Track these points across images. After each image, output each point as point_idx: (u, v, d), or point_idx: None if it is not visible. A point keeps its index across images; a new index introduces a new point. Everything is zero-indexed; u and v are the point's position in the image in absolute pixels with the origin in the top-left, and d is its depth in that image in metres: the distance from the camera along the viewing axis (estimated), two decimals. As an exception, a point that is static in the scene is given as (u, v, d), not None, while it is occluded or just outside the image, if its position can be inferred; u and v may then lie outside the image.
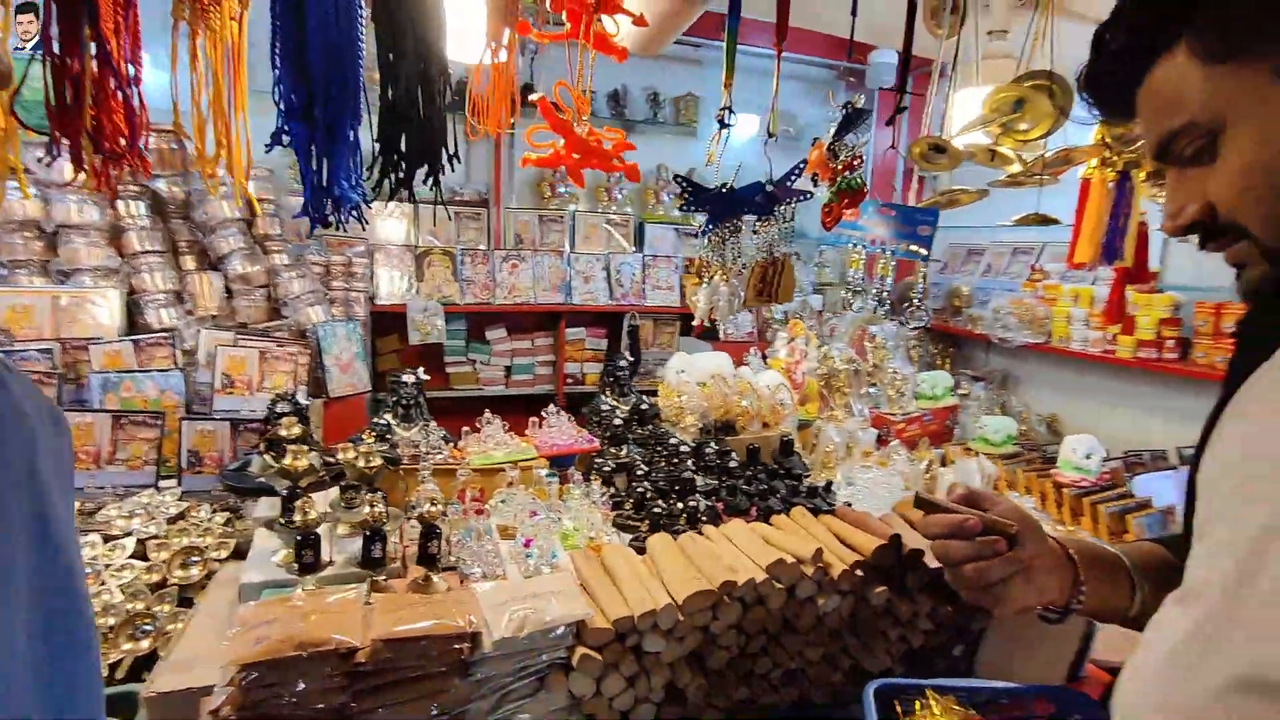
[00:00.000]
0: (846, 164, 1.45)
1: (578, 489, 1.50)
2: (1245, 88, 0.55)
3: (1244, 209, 0.58)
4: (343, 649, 0.94)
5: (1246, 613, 0.58)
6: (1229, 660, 0.58)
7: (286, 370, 2.08)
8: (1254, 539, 0.60)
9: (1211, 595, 0.62)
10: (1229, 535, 0.62)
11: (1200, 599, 0.64)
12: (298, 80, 0.94)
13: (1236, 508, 0.63)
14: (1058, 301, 3.15)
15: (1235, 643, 0.58)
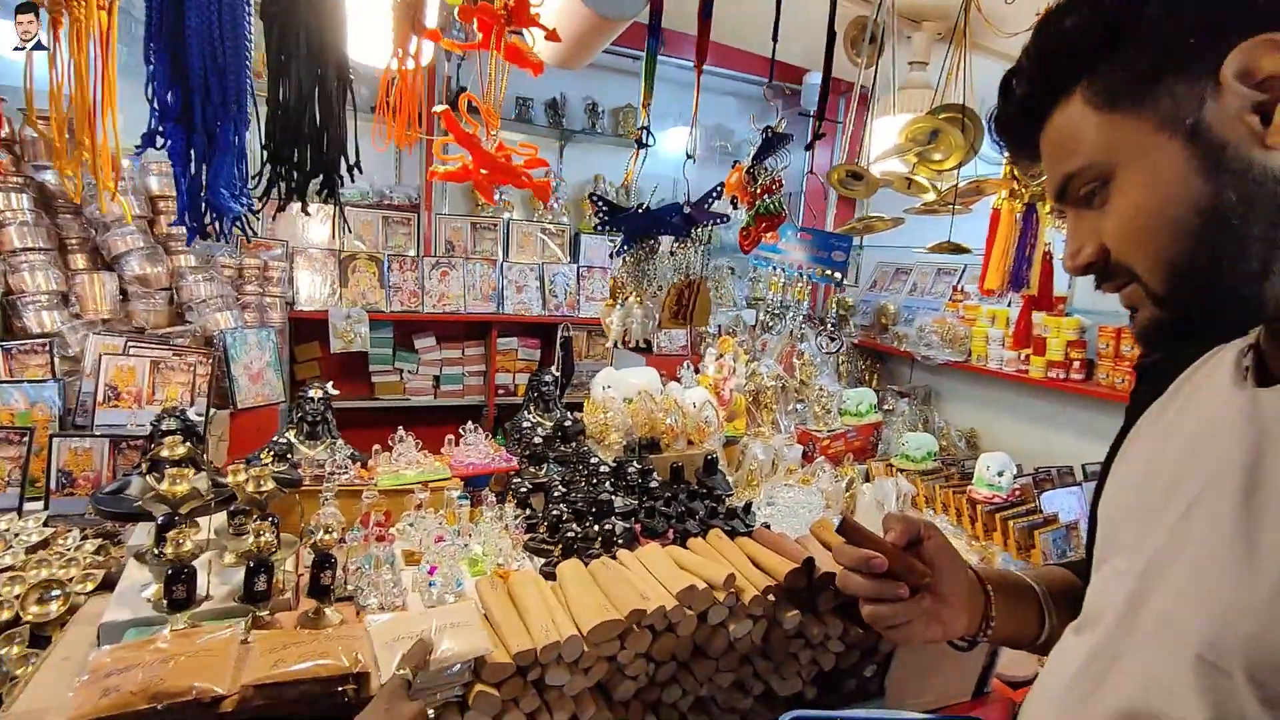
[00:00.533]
0: (765, 187, 1.45)
1: (490, 511, 1.44)
2: (1131, 136, 0.56)
3: (1132, 253, 0.59)
4: (206, 698, 0.86)
5: (1132, 644, 0.61)
6: (1115, 693, 0.60)
7: (183, 381, 1.94)
8: (1143, 570, 0.62)
9: (1105, 625, 0.64)
10: (1125, 564, 0.64)
11: (1095, 628, 0.66)
12: (174, 78, 0.86)
13: (1132, 537, 0.65)
14: (976, 322, 3.29)
15: (1122, 674, 0.60)
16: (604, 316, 1.53)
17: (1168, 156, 0.54)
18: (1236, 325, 0.60)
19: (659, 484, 1.68)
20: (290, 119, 0.90)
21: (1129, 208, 0.58)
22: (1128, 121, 0.56)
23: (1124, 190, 0.58)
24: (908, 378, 4.00)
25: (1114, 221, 0.59)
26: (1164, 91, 0.54)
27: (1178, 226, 0.55)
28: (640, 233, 1.43)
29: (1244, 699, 0.51)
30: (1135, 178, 0.57)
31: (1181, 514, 0.60)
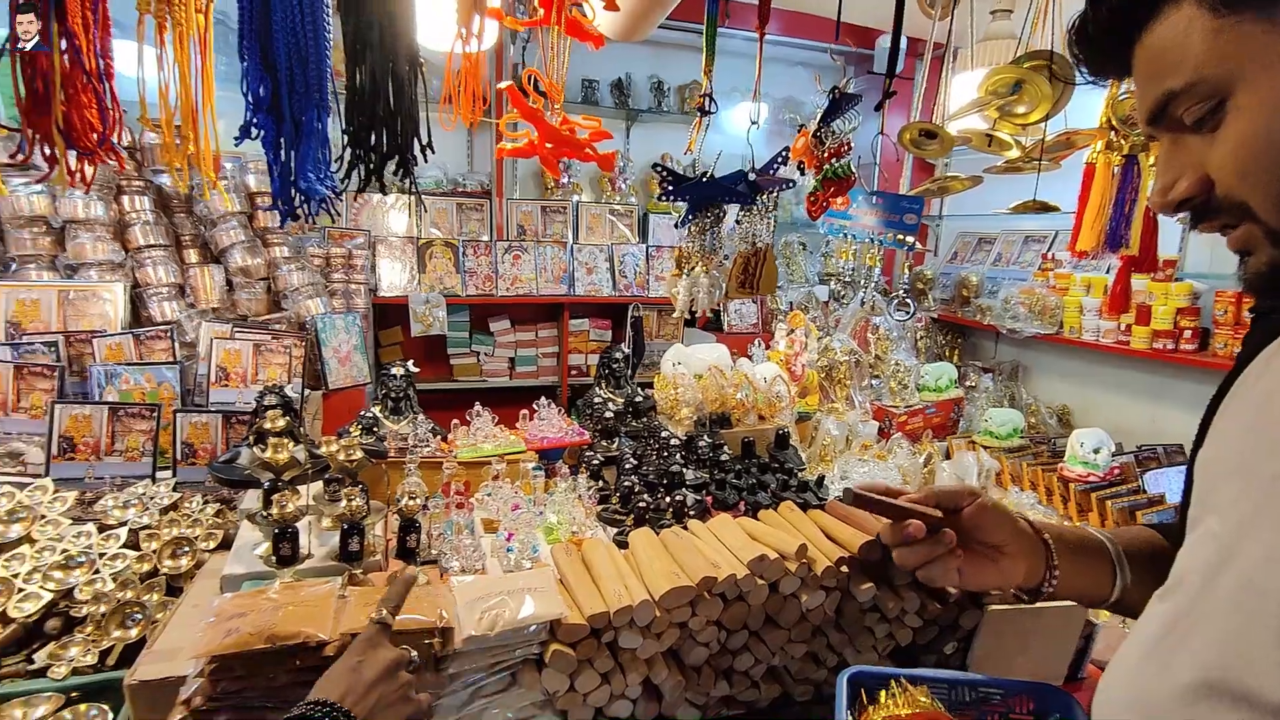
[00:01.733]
0: (833, 151, 1.41)
1: (564, 483, 1.49)
2: (1257, 45, 0.49)
3: (1248, 185, 0.52)
4: (312, 642, 0.94)
5: (1213, 610, 0.56)
6: (1193, 662, 0.56)
7: (281, 363, 2.09)
8: (1233, 532, 0.57)
9: (1189, 589, 0.60)
10: (1217, 525, 0.60)
11: (1178, 592, 0.62)
12: (264, 72, 0.93)
13: (1227, 497, 0.60)
14: (1069, 291, 3.08)
15: (1201, 643, 0.56)
16: (670, 287, 1.54)
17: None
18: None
19: (730, 458, 1.68)
20: (366, 104, 0.95)
21: (1248, 132, 0.51)
22: (1254, 28, 0.49)
23: (1243, 111, 0.51)
24: (992, 353, 3.81)
25: (1227, 148, 0.52)
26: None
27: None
28: (705, 202, 1.42)
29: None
30: (1259, 96, 0.49)
31: (1260, 477, 0.55)
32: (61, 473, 1.65)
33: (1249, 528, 0.56)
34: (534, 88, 1.13)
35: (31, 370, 1.77)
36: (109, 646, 1.24)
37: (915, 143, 1.36)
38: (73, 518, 1.49)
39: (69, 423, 1.68)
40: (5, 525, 1.41)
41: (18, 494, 1.48)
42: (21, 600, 1.25)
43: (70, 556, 1.35)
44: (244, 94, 0.95)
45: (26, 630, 1.24)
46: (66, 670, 1.18)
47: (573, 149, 1.19)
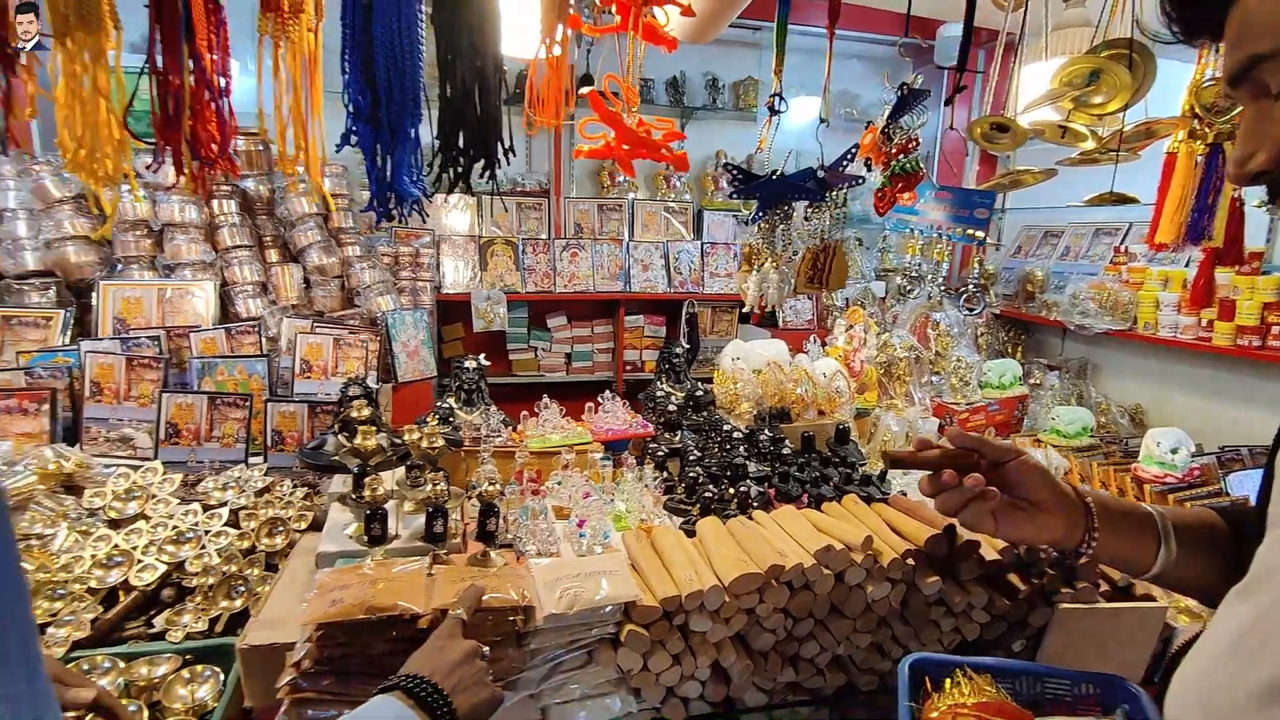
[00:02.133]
0: (901, 147, 1.40)
1: (630, 473, 1.54)
2: None
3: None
4: (407, 615, 1.01)
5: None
6: (1274, 664, 0.54)
7: (358, 356, 2.21)
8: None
9: (1272, 590, 0.59)
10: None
11: (1260, 592, 0.60)
12: (364, 84, 1.00)
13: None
14: (1144, 285, 2.96)
15: None
16: (740, 283, 1.57)
17: None
18: None
19: (790, 451, 1.70)
20: (456, 111, 1.01)
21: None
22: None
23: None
24: (1058, 350, 3.69)
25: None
26: None
27: None
28: (775, 199, 1.44)
29: None
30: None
31: None
32: (167, 456, 1.79)
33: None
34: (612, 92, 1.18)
35: (140, 362, 1.92)
36: (216, 615, 1.35)
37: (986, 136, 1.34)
38: (179, 498, 1.61)
39: (174, 410, 1.82)
40: (123, 503, 1.55)
41: (133, 475, 1.62)
42: (140, 570, 1.38)
43: (180, 532, 1.47)
44: (345, 105, 1.02)
45: (146, 598, 1.36)
46: (181, 635, 1.29)
47: (649, 150, 1.23)
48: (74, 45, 0.78)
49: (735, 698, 1.22)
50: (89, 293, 2.29)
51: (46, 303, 2.23)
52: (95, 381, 1.90)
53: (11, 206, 2.32)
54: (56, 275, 2.33)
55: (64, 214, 2.32)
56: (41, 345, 2.07)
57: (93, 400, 1.89)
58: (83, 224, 2.33)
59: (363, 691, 1.02)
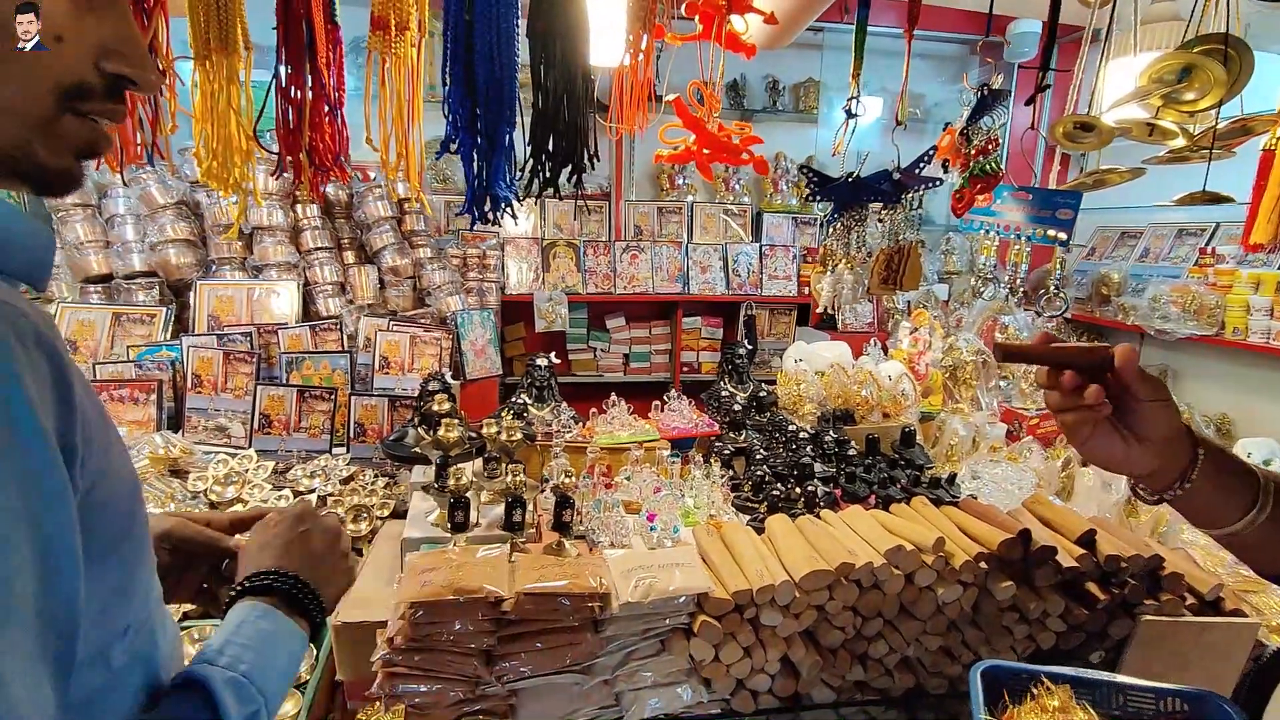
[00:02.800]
0: (980, 149, 1.39)
1: (698, 470, 1.57)
2: None
3: None
4: (492, 598, 1.07)
5: None
6: None
7: (432, 353, 2.31)
8: None
9: None
10: None
11: None
12: (465, 95, 1.06)
13: None
14: (1233, 289, 2.81)
15: None
16: (814, 283, 1.58)
17: None
18: None
19: (856, 453, 1.70)
20: (548, 119, 1.06)
21: None
22: None
23: None
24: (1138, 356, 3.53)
25: None
26: None
27: None
28: (850, 201, 1.45)
29: None
30: None
31: None
32: (259, 445, 1.92)
33: None
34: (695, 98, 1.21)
35: (235, 356, 2.06)
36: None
37: (1069, 136, 1.32)
38: (271, 484, 1.73)
39: (266, 402, 1.95)
40: (223, 487, 1.67)
41: (230, 461, 1.74)
42: (241, 549, 1.48)
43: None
44: (444, 114, 1.09)
45: (246, 575, 1.46)
46: (279, 609, 1.38)
47: (730, 154, 1.26)
48: (212, 66, 0.86)
49: (804, 693, 1.23)
50: (186, 291, 2.46)
51: (150, 301, 2.41)
52: (196, 374, 2.05)
53: (120, 212, 2.52)
54: (159, 275, 2.51)
55: (166, 218, 2.50)
56: (147, 340, 2.24)
57: (194, 391, 2.03)
58: (183, 228, 2.51)
59: (450, 668, 1.09)
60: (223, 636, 0.67)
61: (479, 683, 1.09)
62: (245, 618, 0.69)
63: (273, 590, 0.73)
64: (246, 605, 0.71)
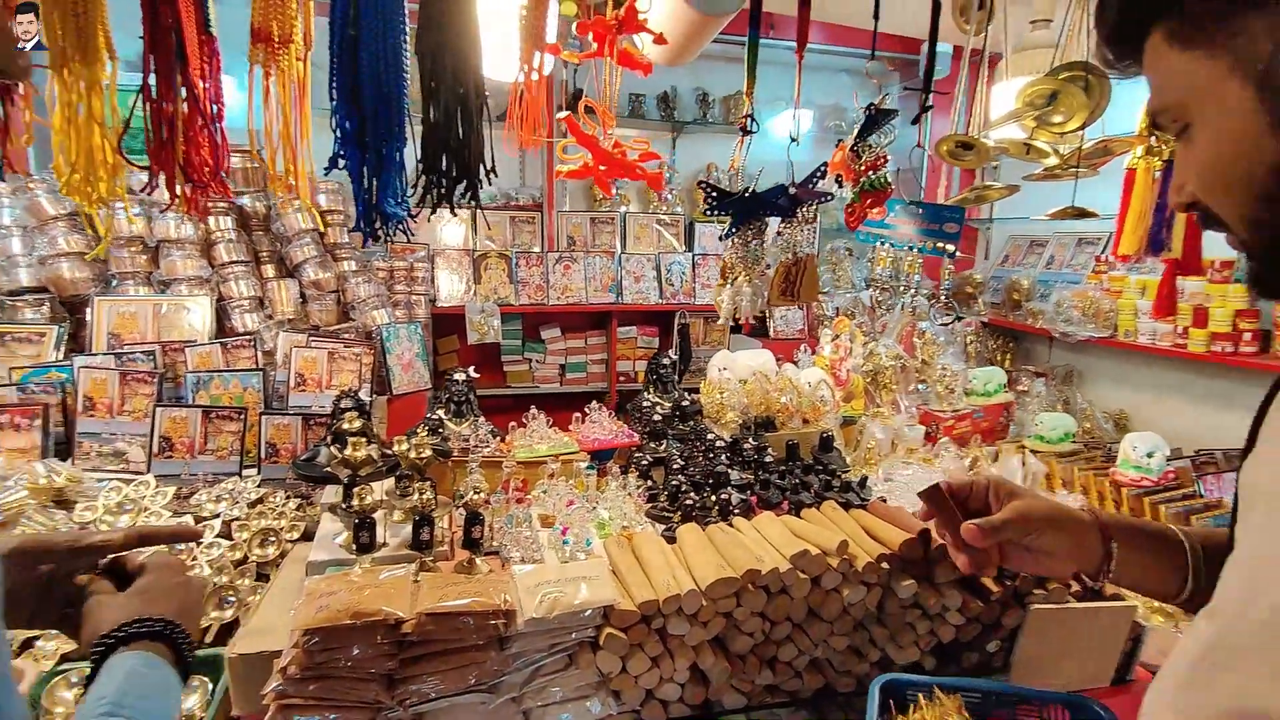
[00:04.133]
0: (870, 164, 1.46)
1: (615, 481, 1.57)
2: (1205, 79, 0.53)
3: (1213, 200, 0.56)
4: (392, 620, 1.05)
5: (1248, 634, 0.54)
6: (1227, 688, 0.54)
7: (352, 369, 2.25)
8: (1267, 554, 0.56)
9: (1226, 613, 0.58)
10: (1248, 551, 0.58)
11: (1218, 615, 0.59)
12: (351, 110, 1.04)
13: (1261, 516, 0.59)
14: (1123, 294, 3.01)
15: (1236, 668, 0.54)
16: (715, 296, 1.61)
17: (1240, 105, 0.51)
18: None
19: (774, 460, 1.74)
20: (439, 135, 1.06)
21: (1204, 155, 0.55)
22: (1203, 63, 0.52)
23: (1200, 135, 0.55)
24: (1045, 357, 3.73)
25: (1192, 167, 0.56)
26: (1240, 29, 0.50)
27: (1250, 182, 0.52)
28: (748, 215, 1.49)
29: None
30: (1209, 125, 0.54)
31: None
32: (160, 470, 1.83)
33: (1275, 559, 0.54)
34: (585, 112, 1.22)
35: (134, 377, 1.96)
36: (206, 626, 1.38)
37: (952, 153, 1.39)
38: (172, 510, 1.65)
39: (167, 424, 1.86)
40: (115, 516, 1.58)
41: (125, 488, 1.65)
42: (134, 581, 1.41)
43: (173, 546, 1.50)
44: (333, 129, 1.07)
45: (138, 609, 1.39)
46: (172, 645, 1.32)
47: (624, 170, 1.27)
48: (70, 75, 0.82)
49: (714, 700, 1.25)
50: (83, 309, 2.33)
51: (40, 319, 2.27)
52: (88, 396, 1.94)
53: (5, 223, 2.37)
54: (50, 291, 2.37)
55: (58, 230, 2.36)
56: (34, 361, 2.11)
57: (86, 415, 1.92)
58: (77, 240, 2.37)
59: (349, 695, 1.06)
60: (116, 686, 0.66)
61: (380, 708, 1.07)
62: (135, 668, 0.68)
63: (157, 638, 0.72)
64: (135, 655, 0.69)
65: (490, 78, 1.39)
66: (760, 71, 1.63)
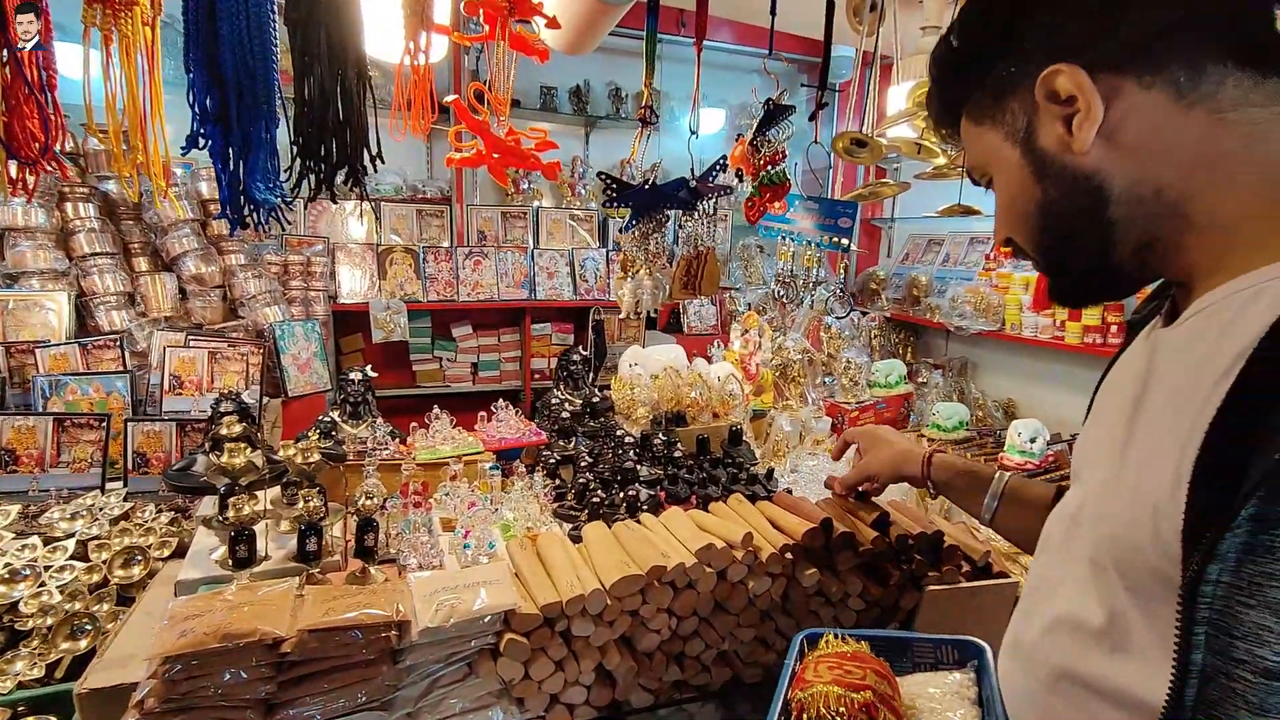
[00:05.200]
0: (769, 159, 1.48)
1: (520, 481, 1.53)
2: (993, 146, 0.68)
3: (1014, 235, 0.71)
4: (269, 639, 0.96)
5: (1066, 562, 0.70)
6: (1051, 605, 0.70)
7: (237, 370, 2.08)
8: (1079, 501, 0.71)
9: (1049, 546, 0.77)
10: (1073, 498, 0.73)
11: (1043, 551, 0.78)
12: (211, 84, 0.95)
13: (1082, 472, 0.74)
14: (1009, 290, 3.23)
15: (1056, 588, 0.70)
16: (616, 290, 1.59)
17: (1013, 163, 0.66)
18: (1111, 292, 0.68)
19: (683, 454, 1.74)
20: (315, 115, 0.98)
21: (1002, 201, 0.70)
22: (990, 134, 0.68)
23: (998, 187, 0.70)
24: (943, 350, 3.95)
25: (1000, 210, 0.71)
26: (1006, 109, 0.66)
27: (1029, 221, 0.67)
28: (647, 208, 1.48)
29: (1117, 590, 0.60)
30: (1000, 178, 0.69)
31: (1094, 444, 0.71)
32: (3, 486, 1.62)
33: (1087, 498, 0.70)
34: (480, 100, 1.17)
35: (-27, 382, 1.74)
36: (57, 659, 1.23)
37: (848, 151, 1.43)
38: (16, 532, 1.46)
39: (11, 435, 1.65)
40: (-57, 541, 1.39)
41: (-44, 509, 1.46)
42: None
43: (14, 570, 1.33)
44: (190, 105, 0.97)
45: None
46: (12, 684, 1.17)
47: (518, 159, 1.23)
48: None
49: (621, 700, 1.23)
50: (-85, 306, 2.05)
51: None
52: (-85, 405, 1.70)
53: None
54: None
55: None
56: None
57: (-90, 427, 1.69)
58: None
59: (219, 726, 0.97)
60: None
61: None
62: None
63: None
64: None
65: (380, 59, 1.31)
66: (674, 69, 1.61)
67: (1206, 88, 0.57)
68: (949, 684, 0.81)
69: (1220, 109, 0.56)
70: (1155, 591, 0.55)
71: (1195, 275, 0.61)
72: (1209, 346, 0.55)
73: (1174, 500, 0.52)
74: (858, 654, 0.80)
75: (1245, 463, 0.46)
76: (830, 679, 0.72)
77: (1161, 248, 0.61)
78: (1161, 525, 0.53)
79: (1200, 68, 0.56)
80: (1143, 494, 0.56)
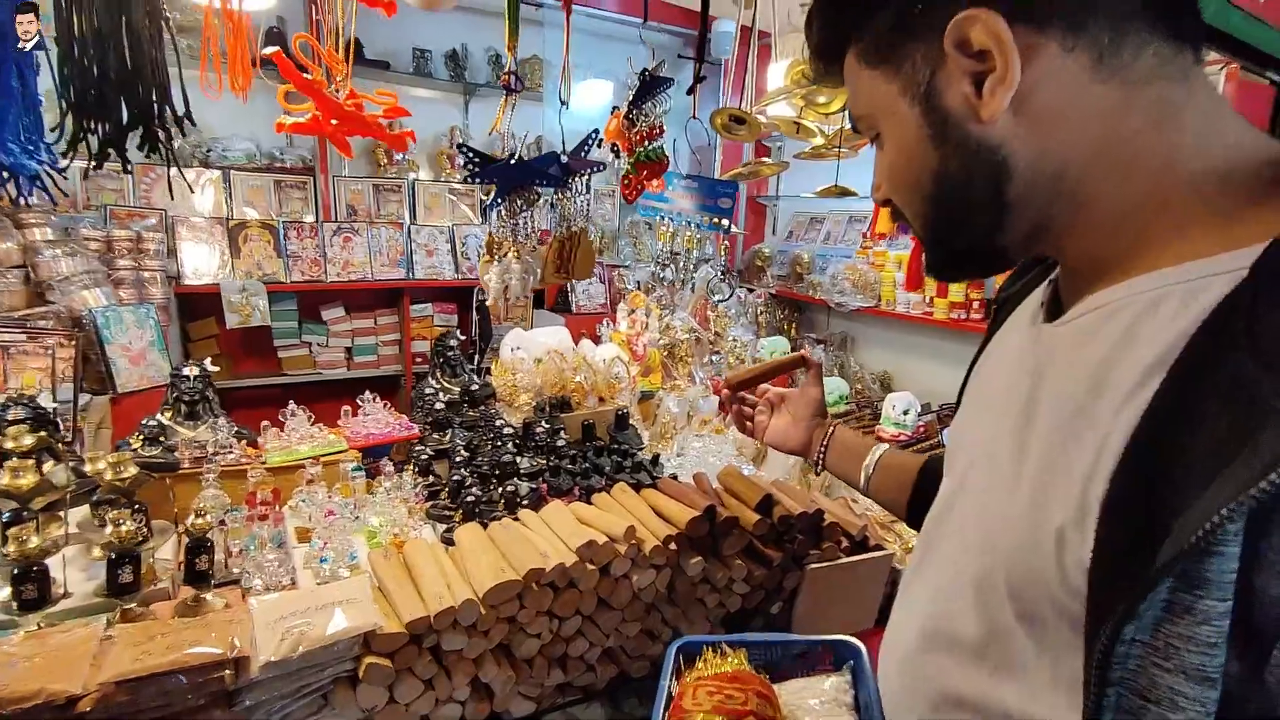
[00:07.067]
0: (645, 133, 1.41)
1: (388, 481, 1.40)
2: (885, 97, 0.58)
3: (896, 198, 0.63)
4: (59, 699, 0.81)
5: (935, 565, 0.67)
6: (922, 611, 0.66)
7: (41, 366, 1.78)
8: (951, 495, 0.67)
9: (926, 539, 0.71)
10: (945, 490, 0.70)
11: (921, 543, 0.73)
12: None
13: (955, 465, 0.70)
14: (885, 268, 3.38)
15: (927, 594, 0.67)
16: (481, 274, 1.48)
17: (908, 121, 0.56)
18: (989, 270, 0.63)
19: (567, 443, 1.66)
20: (89, 61, 0.79)
21: (889, 160, 0.61)
22: (882, 83, 0.58)
23: (887, 143, 0.61)
24: (825, 326, 4.11)
25: (884, 168, 0.63)
26: (906, 56, 0.55)
27: (920, 188, 0.58)
28: (515, 184, 1.37)
29: (1004, 612, 0.55)
30: (889, 136, 0.60)
31: (978, 443, 0.64)
32: None
33: (961, 495, 0.66)
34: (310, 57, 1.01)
35: None
36: None
37: (726, 128, 1.40)
38: None
39: None
40: None
41: None
42: None
43: None
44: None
45: None
46: None
47: (362, 127, 1.08)
48: None
49: (500, 711, 1.16)
50: None
51: None
52: None
53: None
54: None
55: None
56: None
57: None
58: None
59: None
60: None
61: (51, 814, 0.83)
62: None
63: None
64: None
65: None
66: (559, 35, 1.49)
67: (1125, 56, 0.49)
68: (827, 690, 0.80)
69: (1133, 81, 0.50)
70: (1054, 624, 0.51)
71: (1087, 266, 0.55)
72: (1107, 355, 0.50)
73: (1080, 533, 0.47)
74: (738, 674, 0.77)
75: (1164, 520, 0.42)
76: (710, 707, 0.68)
77: (1054, 234, 0.56)
78: (1066, 558, 0.48)
79: (1124, 31, 0.49)
80: (1044, 517, 0.51)
